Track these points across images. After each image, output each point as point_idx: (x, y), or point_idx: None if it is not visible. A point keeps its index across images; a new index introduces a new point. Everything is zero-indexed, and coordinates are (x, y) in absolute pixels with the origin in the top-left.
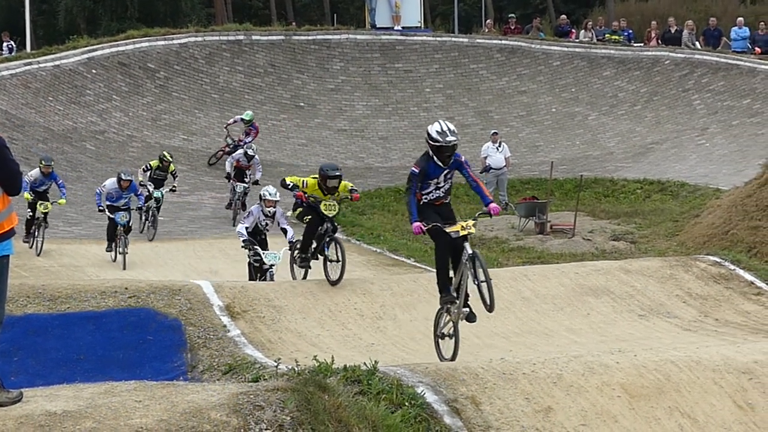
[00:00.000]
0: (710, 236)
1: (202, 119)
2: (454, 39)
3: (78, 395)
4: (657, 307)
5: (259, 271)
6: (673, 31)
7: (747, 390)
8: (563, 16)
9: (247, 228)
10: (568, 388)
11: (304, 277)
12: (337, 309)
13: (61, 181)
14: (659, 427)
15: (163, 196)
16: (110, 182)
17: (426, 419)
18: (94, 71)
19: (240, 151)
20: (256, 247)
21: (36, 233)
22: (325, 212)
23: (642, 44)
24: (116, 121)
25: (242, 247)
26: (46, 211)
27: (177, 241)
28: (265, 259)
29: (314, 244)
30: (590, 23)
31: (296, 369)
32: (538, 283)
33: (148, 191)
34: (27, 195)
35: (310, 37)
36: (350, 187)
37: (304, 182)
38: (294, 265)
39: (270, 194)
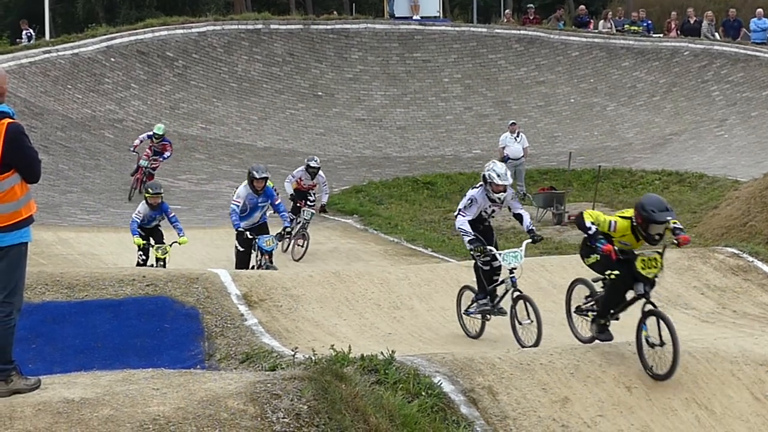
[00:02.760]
0: (728, 228)
1: (220, 108)
2: (472, 29)
3: (96, 383)
4: (675, 299)
5: (488, 278)
6: (692, 22)
7: (765, 382)
8: (582, 7)
9: (469, 221)
10: (585, 378)
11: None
12: (354, 298)
13: (173, 214)
14: (676, 419)
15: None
16: (242, 189)
17: (443, 409)
18: (112, 59)
19: (300, 168)
20: (489, 248)
21: None
22: (643, 271)
23: (661, 35)
24: (134, 109)
25: (470, 249)
26: (165, 256)
27: (194, 229)
28: (503, 262)
29: (617, 309)
30: (609, 13)
31: (313, 358)
32: (555, 274)
33: None
34: (137, 239)
35: (328, 27)
36: (674, 226)
37: (612, 224)
38: (590, 328)
39: (499, 176)
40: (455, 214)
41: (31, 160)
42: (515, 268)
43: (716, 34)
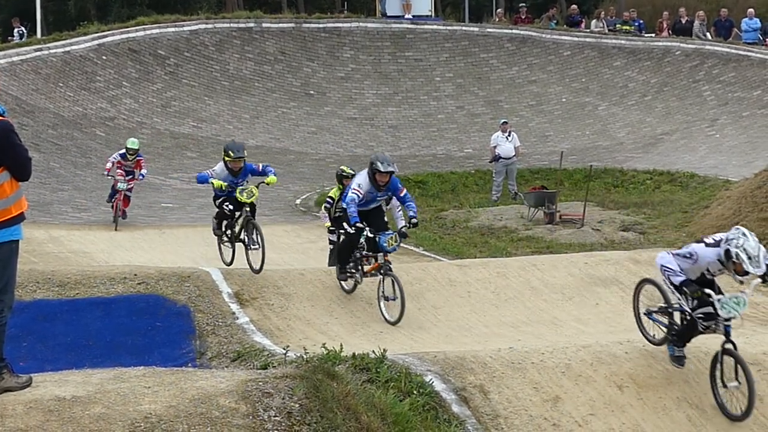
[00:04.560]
0: (719, 227)
1: (211, 106)
2: (464, 28)
3: (87, 381)
4: None
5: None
6: (684, 22)
7: (756, 382)
8: (574, 6)
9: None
10: (576, 377)
11: None
12: (345, 297)
13: (264, 165)
14: (667, 418)
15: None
16: (363, 180)
17: (434, 408)
18: (104, 57)
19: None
20: (706, 290)
21: (247, 242)
22: None
23: (653, 34)
24: (126, 107)
25: (676, 287)
26: (251, 199)
27: (186, 227)
28: (721, 310)
29: None
30: (601, 13)
31: (305, 356)
32: (546, 273)
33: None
34: (216, 181)
35: (320, 25)
36: None
37: None
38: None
39: (750, 258)
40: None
41: (21, 158)
42: (733, 318)
43: (708, 33)
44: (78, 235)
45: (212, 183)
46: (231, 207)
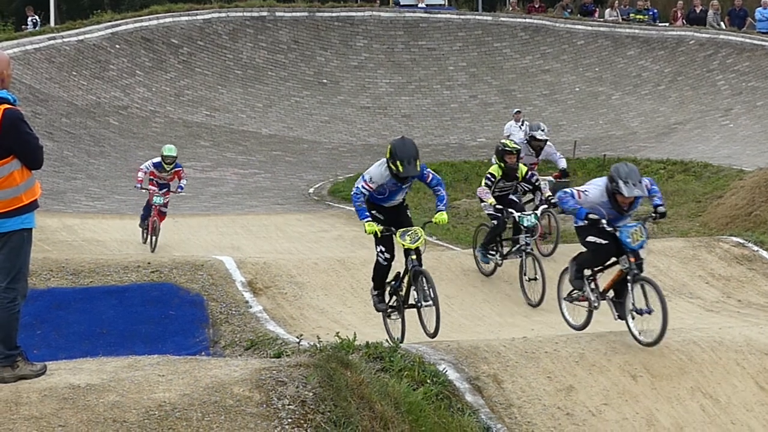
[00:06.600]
0: (733, 217)
1: (225, 95)
2: (478, 17)
3: (101, 369)
4: (680, 288)
5: None
6: (698, 11)
7: None
8: None
9: None
10: (590, 367)
11: None
12: (359, 286)
13: (431, 177)
14: (681, 407)
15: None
16: (595, 189)
17: (448, 396)
18: (117, 46)
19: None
20: None
21: (417, 298)
22: None
23: (667, 24)
24: (139, 96)
25: None
26: (416, 244)
27: (199, 216)
28: None
29: None
30: (615, 2)
31: (318, 345)
32: (559, 263)
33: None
34: (370, 225)
35: (333, 14)
36: None
37: None
38: None
39: None
40: None
41: (31, 146)
42: None
43: (722, 23)
44: (91, 224)
45: (365, 226)
46: (389, 256)
